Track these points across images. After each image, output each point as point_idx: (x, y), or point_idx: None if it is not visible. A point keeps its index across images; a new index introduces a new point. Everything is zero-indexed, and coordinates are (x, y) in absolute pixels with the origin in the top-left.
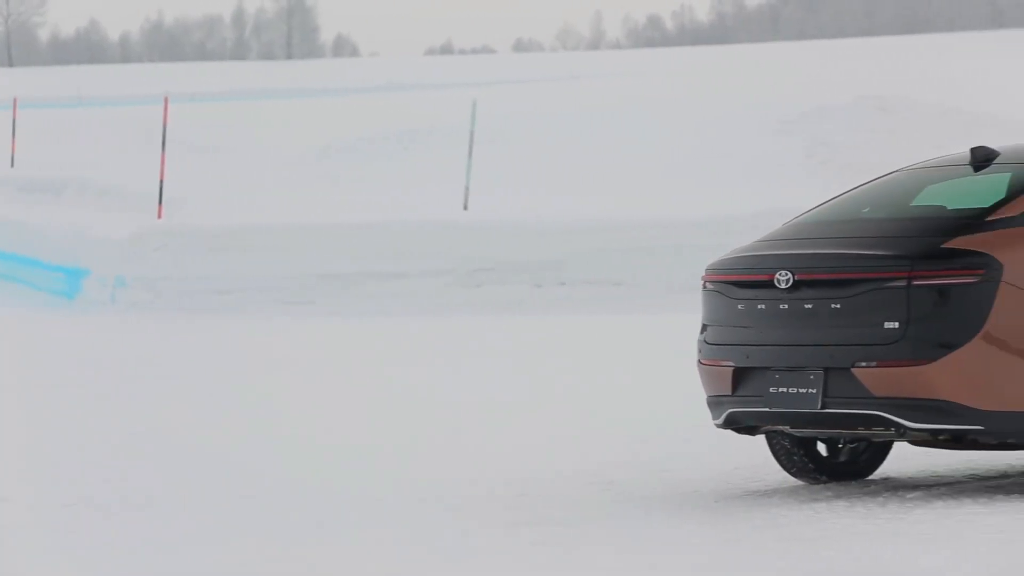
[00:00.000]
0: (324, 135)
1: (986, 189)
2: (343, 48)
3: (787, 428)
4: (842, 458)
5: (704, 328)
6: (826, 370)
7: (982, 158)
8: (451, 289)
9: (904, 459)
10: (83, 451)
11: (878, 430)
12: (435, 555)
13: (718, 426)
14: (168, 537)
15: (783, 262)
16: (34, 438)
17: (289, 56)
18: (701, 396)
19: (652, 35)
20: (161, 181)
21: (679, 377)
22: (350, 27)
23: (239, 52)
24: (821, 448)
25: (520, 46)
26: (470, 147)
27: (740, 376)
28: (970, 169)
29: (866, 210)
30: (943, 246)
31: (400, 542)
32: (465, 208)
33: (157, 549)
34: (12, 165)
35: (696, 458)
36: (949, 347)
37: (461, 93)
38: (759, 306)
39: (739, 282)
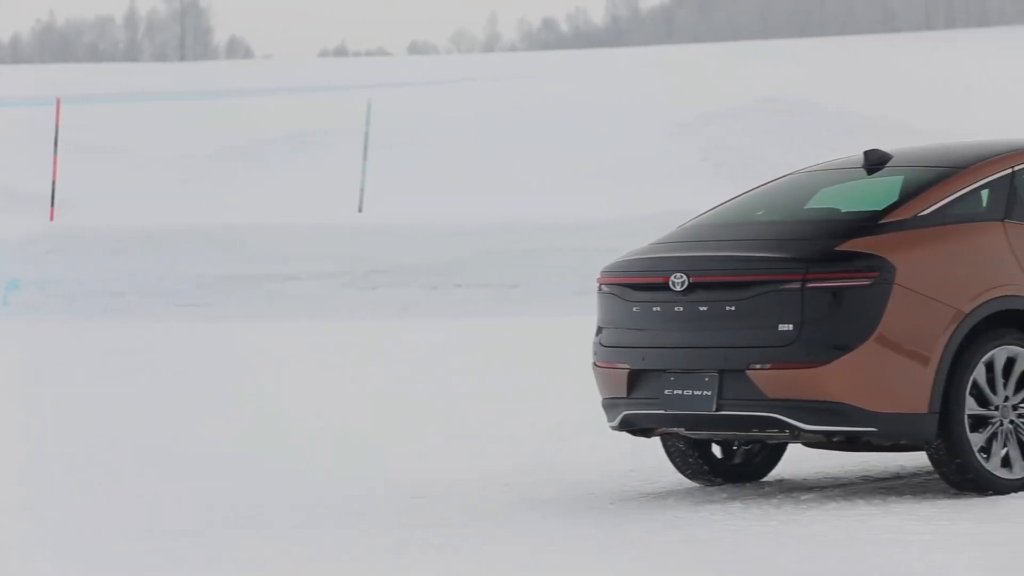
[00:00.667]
0: (218, 137)
1: (880, 192)
2: (236, 50)
3: (682, 430)
4: (737, 460)
5: (599, 330)
6: (721, 372)
7: (876, 161)
8: (346, 291)
9: (798, 461)
10: None
11: (772, 432)
12: (330, 558)
13: (613, 428)
14: None
15: (678, 264)
16: None
17: (182, 58)
18: (596, 398)
19: (547, 37)
20: (53, 183)
21: (574, 379)
22: (243, 29)
23: (131, 53)
24: (716, 450)
25: (415, 48)
26: (365, 149)
27: (635, 378)
28: (864, 172)
29: (761, 212)
30: (837, 248)
31: (296, 545)
32: (360, 210)
33: None
34: None
35: (591, 460)
36: (843, 349)
37: (356, 95)
38: (654, 308)
39: (634, 284)
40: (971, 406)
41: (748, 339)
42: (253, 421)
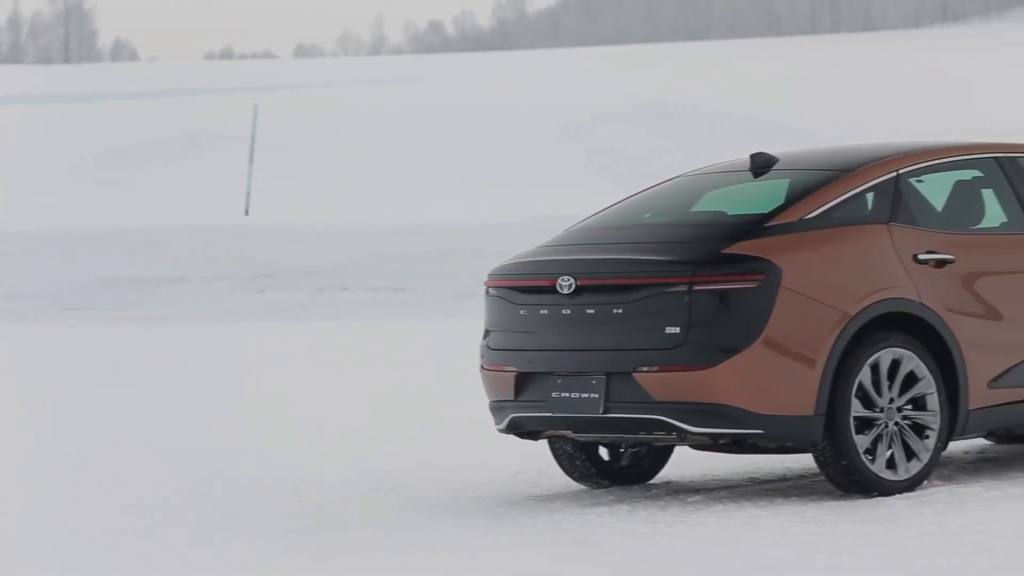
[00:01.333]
0: (104, 140)
1: (766, 195)
2: (122, 52)
3: (569, 433)
4: (624, 462)
5: (487, 333)
6: (608, 375)
7: (762, 164)
8: (233, 294)
9: (685, 463)
10: None
11: (660, 434)
12: (218, 563)
13: (501, 431)
14: None
15: (565, 267)
16: None
17: (67, 60)
18: (484, 401)
19: (433, 40)
20: None
21: (461, 382)
22: (128, 31)
23: (15, 55)
24: (603, 453)
25: (301, 51)
26: (251, 152)
27: (523, 381)
28: (750, 175)
29: (648, 215)
30: (723, 251)
31: (180, 550)
32: (247, 213)
33: None
34: None
35: (479, 463)
36: (729, 352)
37: (242, 98)
38: (541, 311)
39: (521, 287)
40: (857, 408)
41: (635, 342)
42: (137, 425)
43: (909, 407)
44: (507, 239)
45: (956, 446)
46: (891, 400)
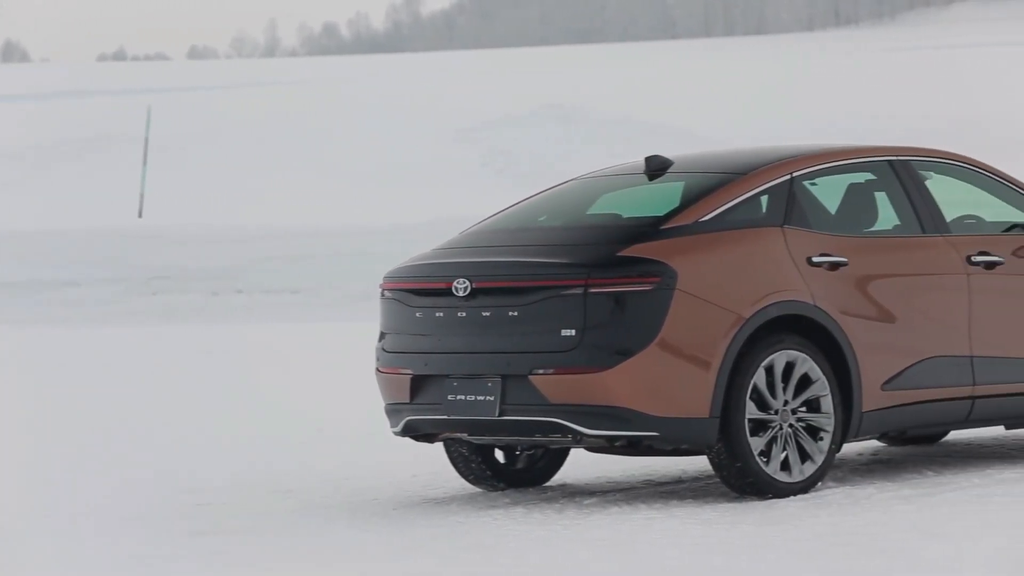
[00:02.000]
0: None
1: (661, 197)
2: (12, 53)
3: (465, 435)
4: (520, 465)
5: (382, 336)
6: (504, 377)
7: (656, 167)
8: (126, 297)
9: (581, 466)
10: None
11: (555, 437)
12: (112, 568)
13: (396, 434)
14: None
15: (461, 270)
16: None
17: None
18: (380, 404)
19: (328, 43)
20: None
21: (357, 385)
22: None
23: None
24: (499, 455)
25: (195, 53)
26: (145, 154)
27: (418, 384)
28: (645, 178)
29: (543, 218)
30: (619, 254)
31: (74, 556)
32: (140, 215)
33: None
34: None
35: (375, 466)
36: (625, 354)
37: (136, 100)
38: (437, 314)
39: (417, 290)
40: (751, 410)
41: (531, 344)
42: (31, 427)
43: (803, 409)
44: (402, 241)
45: (850, 448)
46: (785, 402)
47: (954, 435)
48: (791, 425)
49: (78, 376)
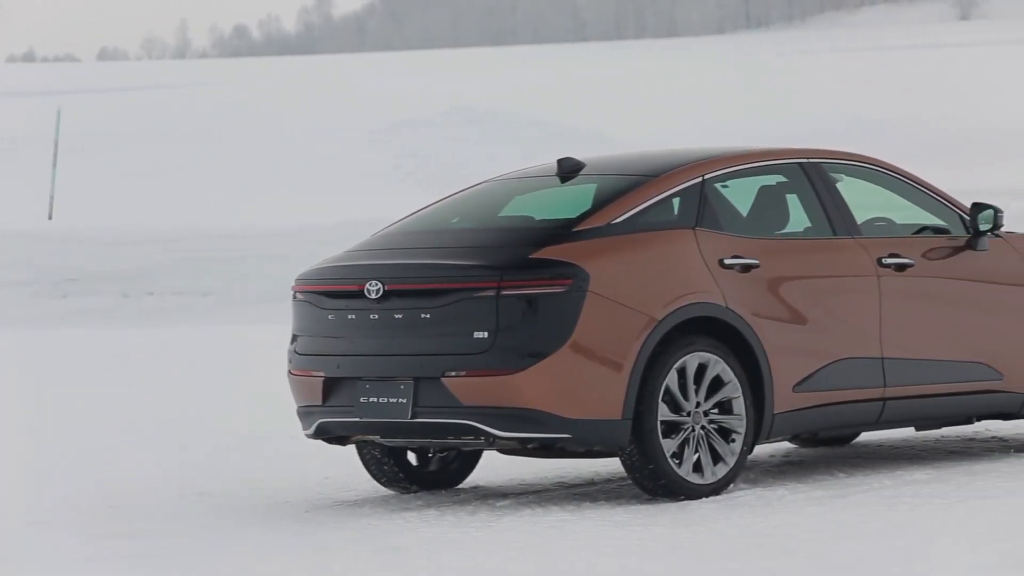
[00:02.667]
0: None
1: (573, 199)
2: None
3: (378, 438)
4: (432, 467)
5: (294, 338)
6: (416, 380)
7: (569, 169)
8: (36, 300)
9: (494, 468)
10: None
11: (468, 439)
12: (24, 570)
13: (309, 436)
14: None
15: (373, 272)
16: None
17: None
18: (292, 406)
19: (239, 44)
20: None
21: (269, 387)
22: None
23: None
24: (411, 457)
25: (104, 55)
26: (55, 156)
27: (330, 386)
28: (557, 180)
29: (456, 220)
30: (531, 256)
31: None
32: (50, 217)
33: None
34: None
35: (287, 469)
36: (537, 356)
37: (45, 102)
38: (349, 316)
39: (329, 292)
40: (664, 412)
41: (443, 346)
42: None
43: (715, 411)
44: (315, 244)
45: (762, 449)
46: (698, 404)
47: (865, 436)
48: (703, 427)
49: None
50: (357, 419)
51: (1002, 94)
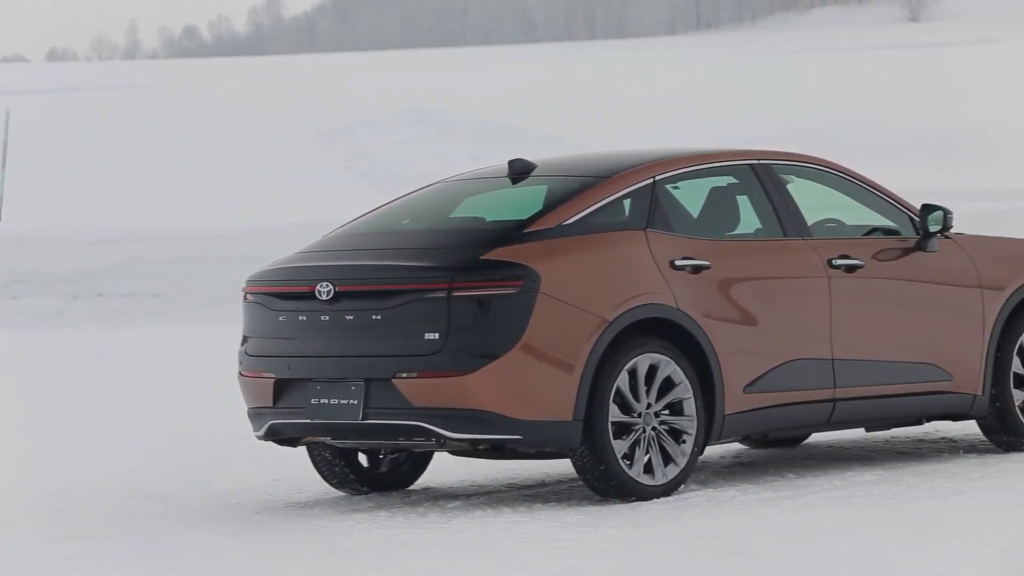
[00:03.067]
0: None
1: (524, 201)
2: None
3: (328, 439)
4: (383, 469)
5: (245, 340)
6: (367, 381)
7: (519, 170)
8: None
9: (444, 469)
10: None
11: (419, 440)
12: None
13: (259, 438)
14: None
15: (324, 273)
16: None
17: None
18: (242, 408)
19: (189, 45)
20: None
21: (219, 389)
22: None
23: None
24: (362, 459)
25: (54, 55)
26: (3, 157)
27: (281, 388)
28: (508, 181)
29: (406, 222)
30: (482, 257)
31: None
32: None
33: None
34: None
35: (237, 470)
36: (488, 357)
37: None
38: (300, 317)
39: (280, 294)
40: (615, 413)
41: (394, 348)
42: None
43: (666, 412)
44: (266, 245)
45: (712, 450)
46: (648, 405)
47: (815, 437)
48: (654, 428)
49: None
50: (308, 420)
51: (951, 96)
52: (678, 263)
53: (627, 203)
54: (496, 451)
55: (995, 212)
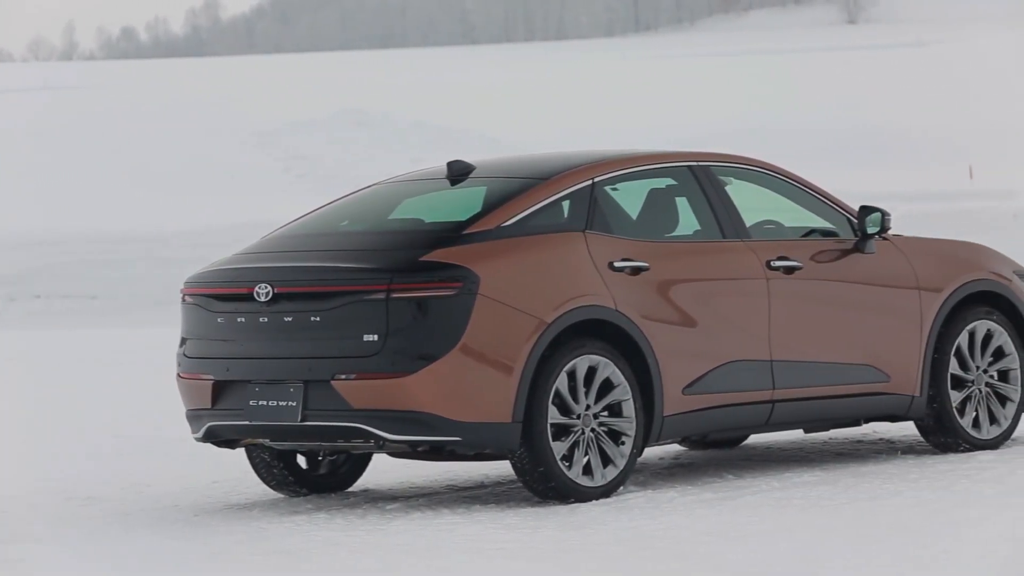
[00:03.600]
0: None
1: (463, 202)
2: None
3: (267, 441)
4: (322, 471)
5: (183, 342)
6: (306, 383)
7: (458, 172)
8: None
9: (384, 471)
10: None
11: (358, 442)
12: None
13: (198, 440)
14: None
15: (263, 275)
16: None
17: None
18: (181, 410)
19: (126, 47)
20: None
21: (158, 391)
22: None
23: None
24: (301, 461)
25: None
26: None
27: (220, 389)
28: (447, 183)
29: (345, 223)
30: (421, 259)
31: None
32: None
33: None
34: None
35: (176, 472)
36: (427, 359)
37: None
38: (239, 319)
39: (219, 295)
40: (554, 415)
41: (333, 349)
42: None
43: (605, 414)
44: (204, 246)
45: (651, 452)
46: (587, 407)
47: (754, 439)
48: (593, 430)
49: None
50: (247, 422)
51: (888, 98)
52: (617, 265)
53: (566, 205)
54: (435, 453)
55: (931, 214)
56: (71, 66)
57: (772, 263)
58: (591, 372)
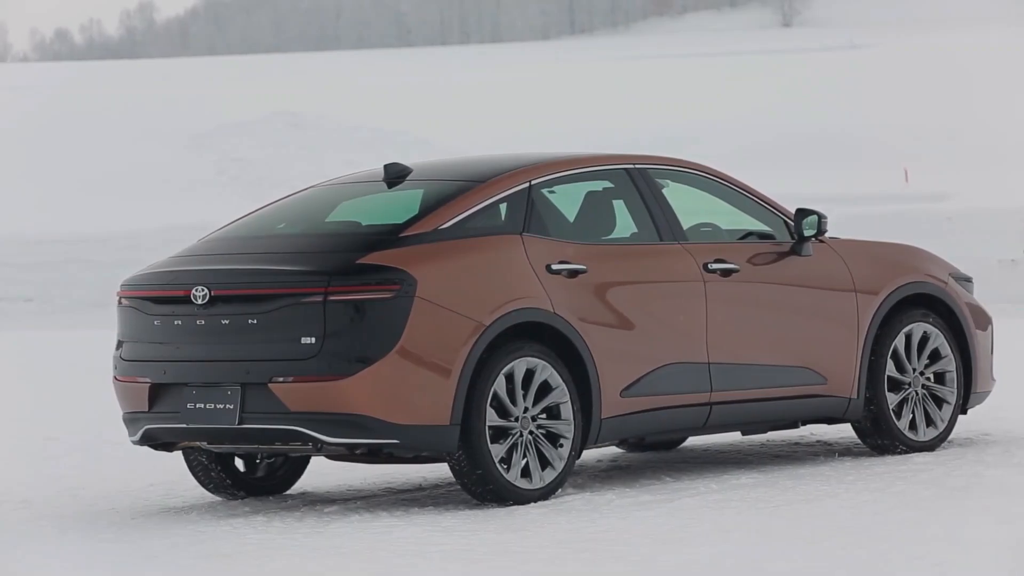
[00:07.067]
0: None
1: (400, 205)
2: None
3: (205, 444)
4: (260, 473)
5: (120, 344)
6: (243, 386)
7: (395, 174)
8: None
9: (322, 474)
10: None
11: (296, 445)
12: None
13: (135, 443)
14: None
15: (199, 278)
16: None
17: None
18: (117, 413)
19: (60, 49)
20: None
21: (93, 394)
22: None
23: None
24: (239, 464)
25: None
26: None
27: (157, 392)
28: (384, 185)
29: (282, 226)
30: (358, 262)
31: None
32: None
33: None
34: None
35: (112, 475)
36: (365, 362)
37: None
38: (176, 322)
39: (155, 298)
40: (492, 417)
41: (271, 352)
42: None
43: (543, 416)
44: (136, 249)
45: (589, 454)
46: (525, 409)
47: (692, 441)
48: (531, 432)
49: None
50: (184, 425)
51: (823, 100)
52: (554, 267)
53: (503, 207)
54: (373, 455)
55: (867, 216)
56: (4, 68)
57: (709, 266)
58: (529, 375)
